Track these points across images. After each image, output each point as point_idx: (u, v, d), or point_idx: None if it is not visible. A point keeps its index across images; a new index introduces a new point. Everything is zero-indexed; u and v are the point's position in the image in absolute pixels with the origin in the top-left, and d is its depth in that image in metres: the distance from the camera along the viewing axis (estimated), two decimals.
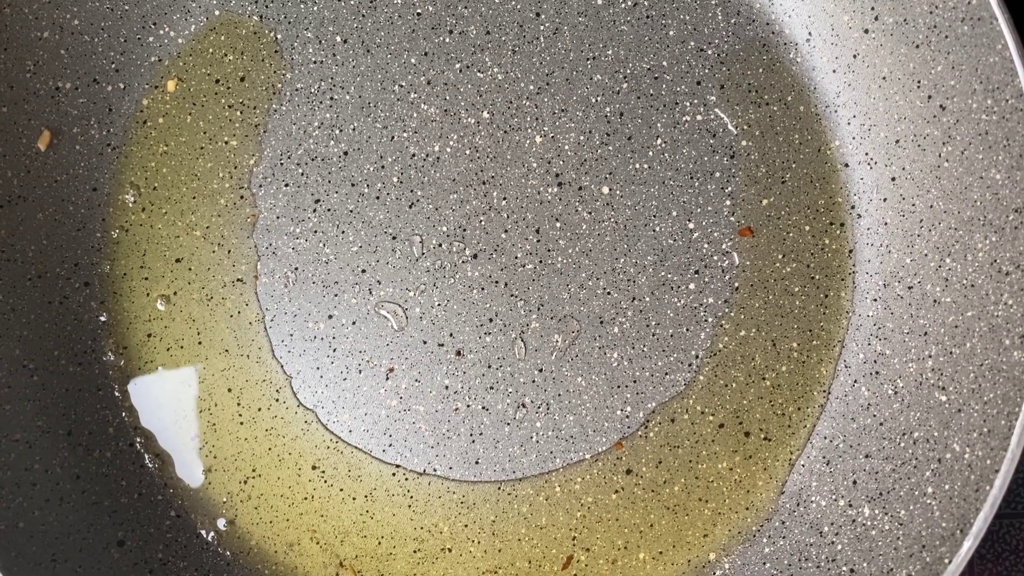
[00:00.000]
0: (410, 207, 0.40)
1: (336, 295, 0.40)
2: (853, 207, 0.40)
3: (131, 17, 0.40)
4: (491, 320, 0.40)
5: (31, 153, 0.39)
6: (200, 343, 0.40)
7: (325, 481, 0.39)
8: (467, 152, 0.40)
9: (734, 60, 0.40)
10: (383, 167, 0.40)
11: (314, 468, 0.39)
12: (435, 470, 0.39)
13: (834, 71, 0.40)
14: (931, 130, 0.37)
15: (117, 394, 0.40)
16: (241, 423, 0.40)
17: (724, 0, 0.40)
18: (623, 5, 0.40)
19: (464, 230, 0.40)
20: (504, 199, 0.40)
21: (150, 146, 0.40)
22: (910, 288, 0.38)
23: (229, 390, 0.40)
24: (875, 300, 0.39)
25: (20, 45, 0.39)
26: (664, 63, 0.40)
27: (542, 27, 0.40)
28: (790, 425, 0.39)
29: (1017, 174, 0.34)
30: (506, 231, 0.40)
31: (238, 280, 0.40)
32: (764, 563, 0.39)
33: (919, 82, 0.37)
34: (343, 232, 0.40)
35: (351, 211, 0.40)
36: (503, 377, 0.40)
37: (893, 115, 0.38)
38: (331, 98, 0.40)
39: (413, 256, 0.40)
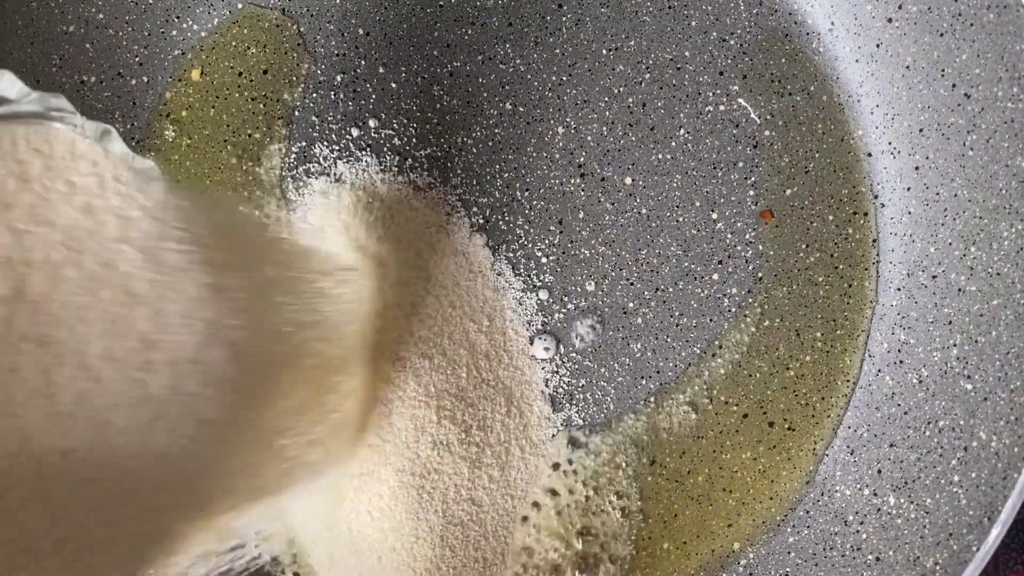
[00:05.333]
0: None
1: None
2: (876, 196, 0.40)
3: (155, 11, 0.41)
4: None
5: None
6: None
7: None
8: (489, 144, 0.40)
9: (756, 50, 0.40)
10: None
11: None
12: None
13: (857, 60, 0.40)
14: (955, 119, 0.37)
15: None
16: None
17: None
18: None
19: (487, 222, 0.40)
20: (527, 191, 0.40)
21: (173, 139, 0.41)
22: (934, 277, 0.38)
23: None
24: (899, 289, 0.39)
25: (46, 39, 0.39)
26: (686, 53, 0.40)
27: (564, 18, 0.40)
28: (814, 415, 0.39)
29: None
30: (529, 222, 0.40)
31: None
32: (789, 552, 0.39)
33: (943, 71, 0.37)
34: None
35: None
36: None
37: (917, 104, 0.38)
38: (354, 91, 0.41)
39: None
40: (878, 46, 0.39)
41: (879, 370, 0.39)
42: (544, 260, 0.40)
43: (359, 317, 0.35)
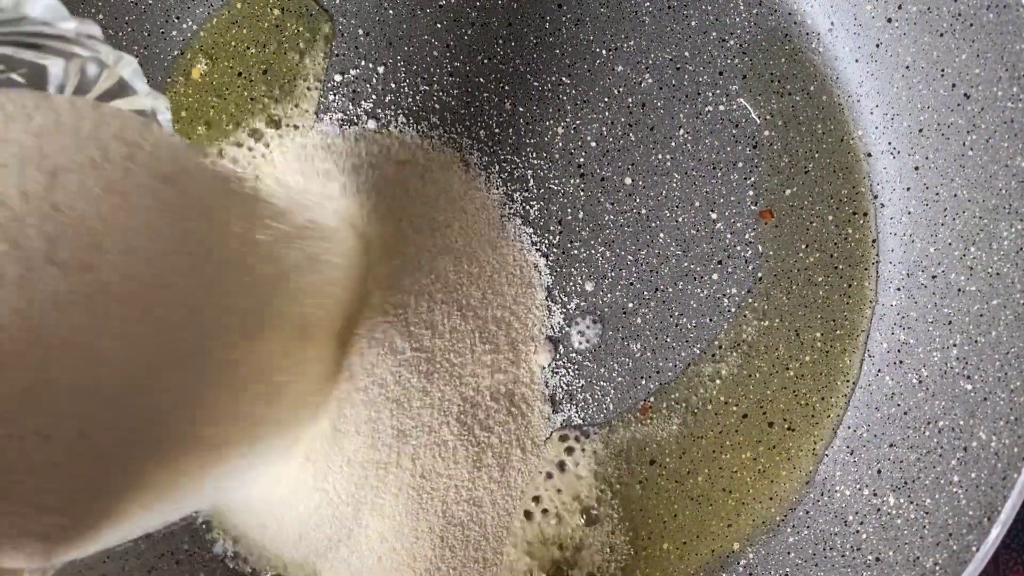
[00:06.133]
0: None
1: None
2: (876, 196, 0.40)
3: (154, 11, 0.41)
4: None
5: None
6: None
7: None
8: (489, 144, 0.40)
9: (756, 50, 0.40)
10: None
11: None
12: None
13: (857, 60, 0.40)
14: (955, 119, 0.37)
15: None
16: None
17: None
18: None
19: None
20: (526, 191, 0.40)
21: None
22: (934, 277, 0.38)
23: None
24: (899, 289, 0.39)
25: None
26: (686, 54, 0.40)
27: (564, 18, 0.40)
28: (814, 415, 0.39)
29: None
30: (529, 222, 0.40)
31: None
32: (788, 552, 0.39)
33: (943, 71, 0.37)
34: None
35: None
36: None
37: (916, 104, 0.38)
38: (353, 91, 0.41)
39: None
40: (878, 46, 0.39)
41: (879, 370, 0.39)
42: (544, 260, 0.40)
43: (340, 285, 0.35)
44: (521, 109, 0.40)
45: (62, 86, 0.28)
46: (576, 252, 0.40)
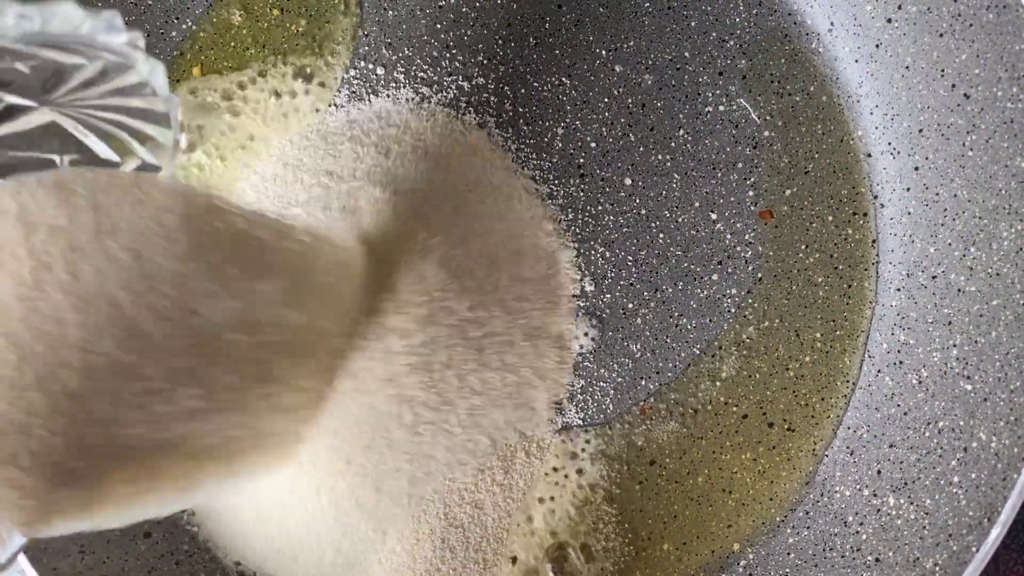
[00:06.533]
0: None
1: None
2: (876, 197, 0.40)
3: (154, 11, 0.41)
4: None
5: None
6: None
7: None
8: (488, 145, 0.40)
9: (756, 50, 0.40)
10: None
11: None
12: None
13: (856, 61, 0.40)
14: (955, 119, 0.37)
15: None
16: None
17: None
18: None
19: None
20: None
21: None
22: (934, 277, 0.38)
23: None
24: (899, 290, 0.39)
25: None
26: (686, 54, 0.40)
27: (564, 19, 0.40)
28: (814, 415, 0.39)
29: None
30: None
31: None
32: (788, 553, 0.39)
33: (943, 71, 0.37)
34: None
35: None
36: None
37: (916, 104, 0.38)
38: (352, 91, 0.41)
39: None
40: (878, 46, 0.39)
41: (879, 371, 0.39)
42: None
43: (348, 299, 0.35)
44: (521, 109, 0.40)
45: (70, 77, 0.28)
46: (576, 252, 0.40)
